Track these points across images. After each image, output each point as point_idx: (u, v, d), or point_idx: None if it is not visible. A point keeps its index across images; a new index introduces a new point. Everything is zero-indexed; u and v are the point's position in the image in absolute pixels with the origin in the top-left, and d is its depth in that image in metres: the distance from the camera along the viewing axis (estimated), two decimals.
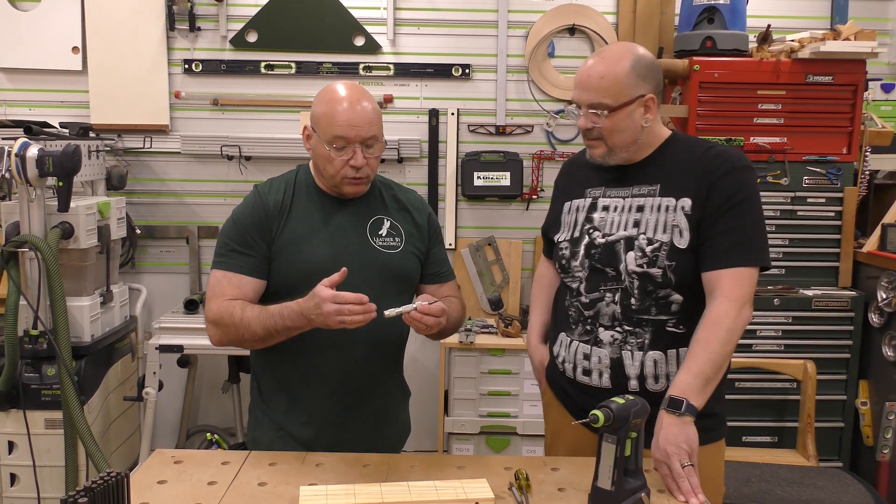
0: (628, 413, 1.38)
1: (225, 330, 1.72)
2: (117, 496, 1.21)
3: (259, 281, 1.76)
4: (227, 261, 1.76)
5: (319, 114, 1.74)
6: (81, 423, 2.58)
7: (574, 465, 1.62)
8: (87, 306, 2.83)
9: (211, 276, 1.78)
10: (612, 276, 1.71)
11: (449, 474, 1.56)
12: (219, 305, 1.72)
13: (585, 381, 1.75)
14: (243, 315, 1.69)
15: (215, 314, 1.72)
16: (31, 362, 2.73)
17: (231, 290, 1.74)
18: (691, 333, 1.66)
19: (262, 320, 1.67)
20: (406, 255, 1.84)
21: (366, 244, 1.80)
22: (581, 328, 1.77)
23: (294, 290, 1.71)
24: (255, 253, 1.76)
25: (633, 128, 1.70)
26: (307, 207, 1.81)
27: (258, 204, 1.80)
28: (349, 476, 1.54)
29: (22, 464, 2.74)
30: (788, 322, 3.06)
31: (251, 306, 1.71)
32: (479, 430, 3.18)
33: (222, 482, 1.50)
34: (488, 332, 3.26)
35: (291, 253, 1.76)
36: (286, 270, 1.76)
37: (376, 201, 1.87)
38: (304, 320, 1.62)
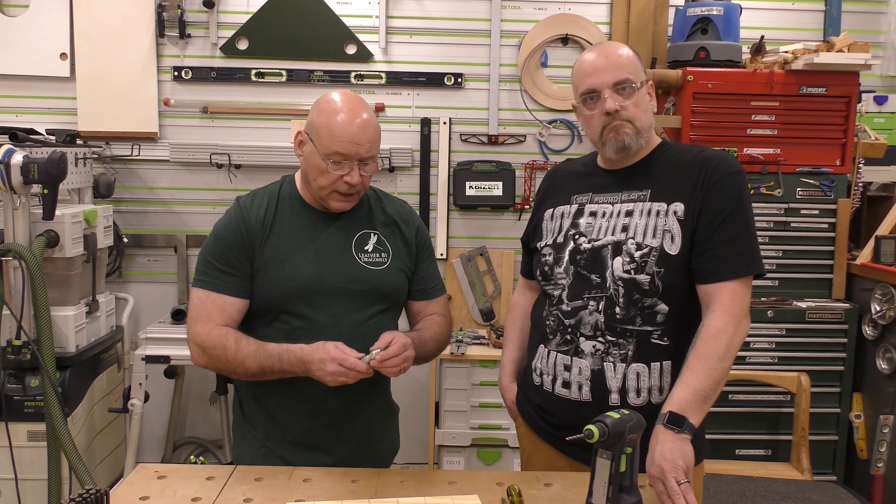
0: (624, 428, 1.35)
1: (214, 360, 1.68)
2: None
3: (243, 301, 1.72)
4: (210, 280, 1.71)
5: (320, 125, 1.68)
6: (65, 436, 2.53)
7: (568, 481, 1.59)
8: (72, 316, 2.78)
9: (193, 295, 1.74)
10: (596, 283, 1.67)
11: (440, 490, 1.52)
12: (208, 332, 1.67)
13: (564, 395, 1.70)
14: (238, 350, 1.65)
15: (204, 341, 1.68)
16: (14, 373, 2.68)
17: (216, 314, 1.69)
18: (675, 346, 1.64)
19: (258, 358, 1.64)
20: (392, 271, 1.79)
21: (351, 261, 1.75)
22: (560, 338, 1.72)
23: (276, 308, 1.71)
24: (237, 272, 1.71)
25: (651, 110, 1.72)
26: (291, 223, 1.76)
27: (240, 220, 1.74)
28: (337, 492, 1.50)
29: (4, 477, 2.68)
30: (782, 334, 3.04)
31: (246, 340, 1.67)
32: (470, 442, 3.14)
33: (207, 498, 1.46)
34: (480, 343, 3.22)
35: (274, 271, 1.71)
36: (269, 289, 1.71)
37: (363, 215, 1.82)
38: (302, 368, 1.61)
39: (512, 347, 1.99)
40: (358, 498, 1.45)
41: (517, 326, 2.01)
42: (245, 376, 1.68)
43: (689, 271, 1.64)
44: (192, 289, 1.74)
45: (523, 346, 1.95)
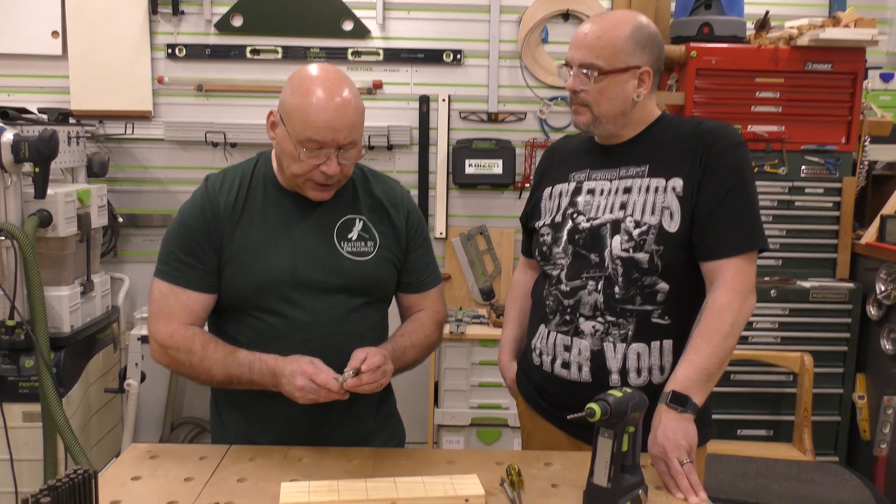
0: (626, 407, 1.32)
1: (175, 363, 1.57)
2: (84, 495, 1.14)
3: (208, 296, 1.59)
4: (173, 272, 1.57)
5: (291, 106, 1.50)
6: (60, 417, 2.50)
7: (569, 461, 1.56)
8: (67, 296, 2.74)
9: (154, 286, 1.59)
10: (595, 262, 1.63)
11: (438, 469, 1.49)
12: (171, 332, 1.55)
13: (563, 375, 1.67)
14: (204, 356, 1.53)
15: (166, 341, 1.56)
16: (9, 353, 2.65)
17: (180, 311, 1.56)
18: (677, 325, 1.60)
19: (226, 367, 1.52)
20: (379, 262, 1.64)
21: (332, 251, 1.60)
22: (559, 318, 1.69)
23: (248, 304, 1.58)
24: (202, 265, 1.57)
25: (623, 99, 1.62)
26: (263, 208, 1.60)
27: (206, 206, 1.58)
28: (333, 471, 1.47)
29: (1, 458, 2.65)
30: (785, 314, 3.01)
31: (215, 345, 1.54)
32: (469, 421, 3.12)
33: (199, 478, 1.43)
34: (480, 322, 3.19)
35: (244, 263, 1.56)
36: (238, 283, 1.57)
37: (347, 198, 1.65)
38: (272, 380, 1.48)
39: (512, 326, 1.96)
40: (355, 478, 1.42)
41: (517, 305, 1.98)
42: (210, 383, 1.58)
43: (690, 249, 1.60)
44: (154, 279, 1.59)
45: (523, 324, 1.92)
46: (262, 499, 1.35)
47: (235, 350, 1.54)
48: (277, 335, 1.57)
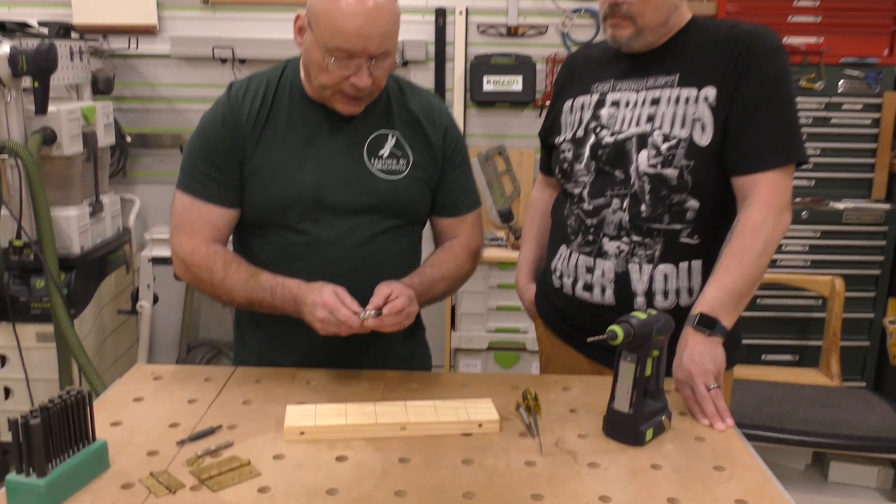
0: (650, 329, 1.23)
1: (197, 281, 1.50)
2: (77, 416, 1.08)
3: (231, 211, 1.50)
4: (194, 184, 1.48)
5: (319, 10, 1.37)
6: (71, 337, 2.48)
7: (588, 385, 1.49)
8: (75, 216, 2.69)
9: (176, 198, 1.51)
10: (620, 179, 1.53)
11: (452, 393, 1.43)
12: (193, 248, 1.48)
13: (586, 298, 1.59)
14: (225, 277, 1.46)
15: (188, 258, 1.48)
16: (19, 274, 2.62)
17: (202, 226, 1.48)
18: (706, 245, 1.50)
19: (247, 290, 1.45)
20: (411, 181, 1.53)
21: (361, 168, 1.49)
22: (582, 238, 1.59)
23: (270, 221, 1.50)
24: (224, 177, 1.48)
25: (668, 6, 1.49)
26: (289, 120, 1.49)
27: (228, 116, 1.48)
28: (342, 394, 1.42)
29: (15, 377, 2.66)
30: (817, 236, 2.89)
31: (237, 265, 1.47)
32: (487, 345, 3.07)
33: (203, 400, 1.37)
34: (498, 244, 3.11)
35: (266, 179, 1.47)
36: (259, 200, 1.49)
37: (379, 112, 1.53)
38: (294, 307, 1.41)
39: (530, 247, 1.87)
40: (364, 401, 1.36)
41: (535, 224, 1.88)
42: (231, 304, 1.52)
43: (722, 163, 1.48)
44: (176, 190, 1.51)
45: (542, 244, 1.83)
46: (267, 421, 1.29)
47: (258, 272, 1.46)
48: (300, 255, 1.50)
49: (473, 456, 1.20)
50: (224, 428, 1.27)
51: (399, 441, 1.24)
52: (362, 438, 1.24)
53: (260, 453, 1.19)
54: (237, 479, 1.11)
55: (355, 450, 1.21)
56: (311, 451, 1.20)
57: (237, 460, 1.16)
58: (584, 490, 1.11)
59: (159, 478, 1.10)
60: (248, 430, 1.27)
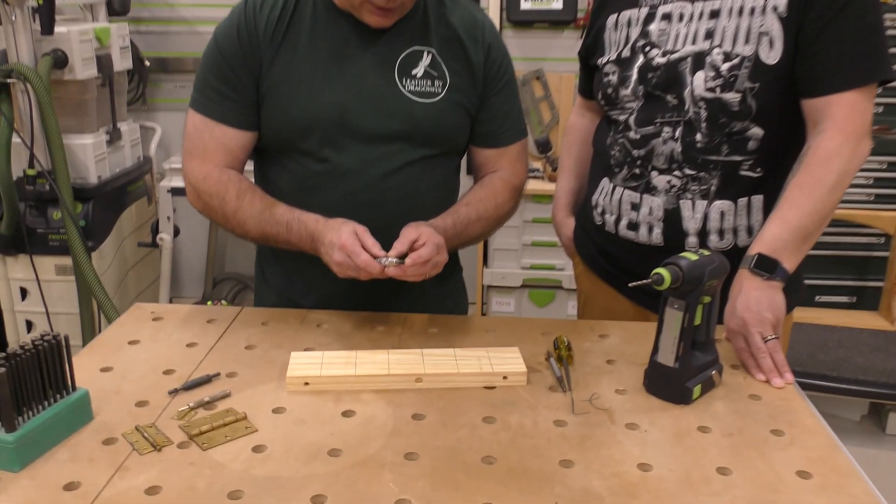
0: (702, 272, 1.07)
1: (209, 210, 1.37)
2: (54, 364, 0.97)
3: (247, 134, 1.36)
4: (207, 102, 1.34)
5: None
6: (87, 270, 2.40)
7: (628, 332, 1.34)
8: (91, 144, 2.57)
9: (188, 118, 1.37)
10: (672, 105, 1.34)
11: (476, 340, 1.29)
12: (206, 174, 1.34)
13: (630, 237, 1.43)
14: (238, 207, 1.33)
15: (200, 184, 1.35)
16: (35, 205, 2.53)
17: (215, 149, 1.34)
18: (769, 178, 1.32)
19: (261, 223, 1.32)
20: (447, 105, 1.36)
21: (391, 89, 1.33)
22: (627, 171, 1.42)
23: (288, 146, 1.36)
24: (239, 96, 1.33)
25: None
26: (312, 32, 1.32)
27: (243, 26, 1.32)
28: (355, 340, 1.29)
29: (35, 310, 2.60)
30: (882, 168, 2.65)
31: (251, 196, 1.33)
32: (521, 283, 2.93)
33: (203, 344, 1.26)
34: (534, 176, 2.93)
35: (285, 99, 1.32)
36: (276, 122, 1.34)
37: (415, 26, 1.35)
38: (311, 245, 1.28)
39: (568, 177, 1.70)
40: (378, 347, 1.23)
41: (574, 153, 1.71)
42: (244, 237, 1.38)
43: (792, 84, 1.28)
44: (188, 109, 1.38)
45: (581, 174, 1.66)
46: (270, 369, 1.17)
47: (274, 204, 1.32)
48: (321, 185, 1.36)
49: (496, 413, 1.07)
50: (222, 376, 1.15)
51: (413, 394, 1.11)
52: (373, 391, 1.12)
53: (259, 406, 1.07)
54: (230, 435, 1.00)
55: (364, 404, 1.08)
56: (315, 405, 1.08)
57: (233, 414, 1.04)
58: (621, 455, 0.97)
59: (145, 432, 0.99)
60: (249, 378, 1.15)
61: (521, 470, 0.94)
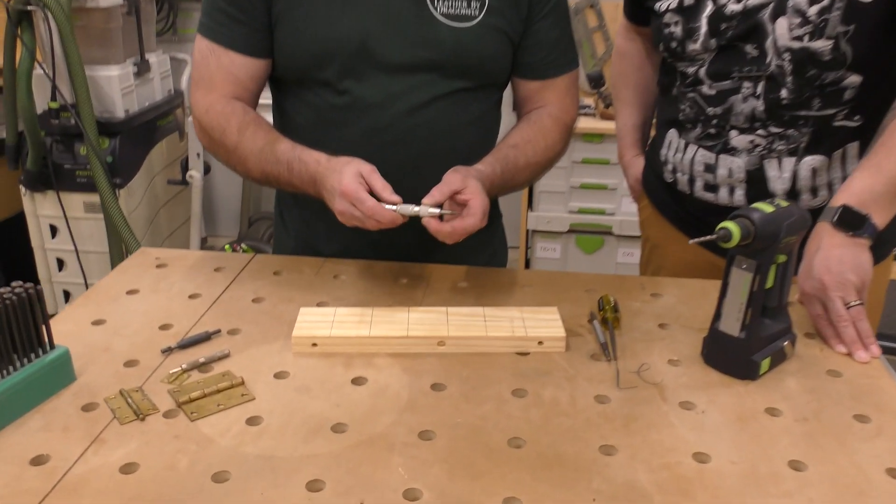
0: (778, 228, 0.90)
1: (212, 145, 1.23)
2: (26, 320, 0.86)
3: (257, 61, 1.20)
4: (215, 26, 1.19)
5: None
6: (112, 207, 2.31)
7: (685, 291, 1.17)
8: (117, 76, 2.46)
9: (196, 44, 1.23)
10: (752, 56, 1.15)
11: (509, 297, 1.15)
12: (209, 105, 1.20)
13: (708, 199, 1.27)
14: (239, 142, 1.17)
15: (202, 116, 1.21)
16: (62, 140, 2.44)
17: (222, 78, 1.19)
18: (868, 125, 1.14)
19: (262, 161, 1.16)
20: (485, 30, 1.18)
21: (420, 12, 1.16)
22: (701, 130, 1.24)
23: (304, 76, 1.20)
24: (248, 18, 1.17)
25: None
26: None
27: None
28: (374, 294, 1.15)
29: (65, 248, 2.54)
30: None
31: (254, 130, 1.17)
32: (567, 227, 2.76)
33: (207, 295, 1.14)
34: (585, 113, 2.72)
35: (300, 23, 1.16)
36: (290, 49, 1.19)
37: None
38: (314, 189, 1.11)
39: (629, 111, 1.52)
40: (399, 303, 1.10)
41: (631, 83, 1.52)
42: (248, 178, 1.24)
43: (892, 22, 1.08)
44: (196, 35, 1.24)
45: (644, 105, 1.49)
46: (277, 326, 1.05)
47: (277, 140, 1.15)
48: (340, 120, 1.20)
49: (528, 385, 0.92)
50: (223, 333, 1.03)
51: (434, 360, 0.98)
52: (388, 354, 0.98)
53: (259, 368, 0.95)
54: (224, 403, 0.88)
55: (378, 370, 0.95)
56: (323, 369, 0.95)
57: (229, 378, 0.92)
58: (673, 442, 0.82)
59: (129, 397, 0.88)
60: (252, 336, 1.03)
61: (554, 456, 0.80)
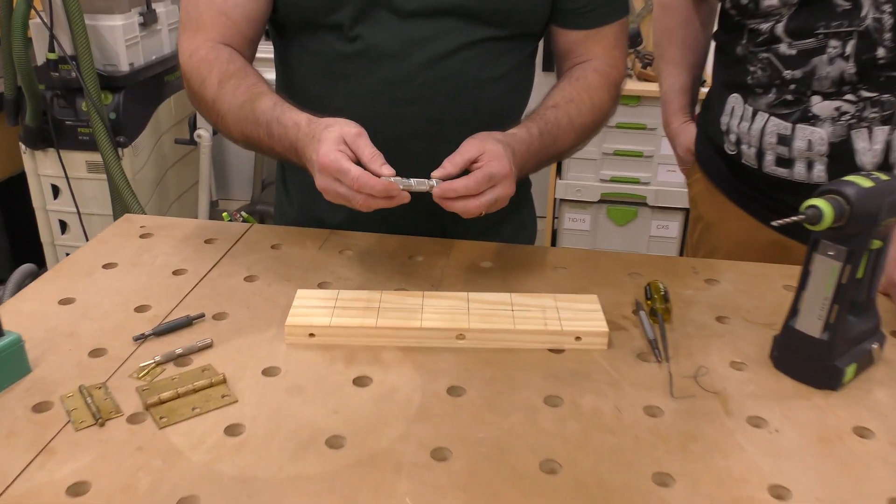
0: (878, 206, 0.73)
1: (193, 97, 1.05)
2: None
3: (253, 1, 1.03)
4: None
5: None
6: (114, 166, 2.18)
7: (744, 277, 1.01)
8: (121, 27, 2.30)
9: None
10: (843, 10, 0.98)
11: (539, 280, 0.99)
12: (193, 50, 1.02)
13: (781, 175, 1.10)
14: (218, 96, 0.98)
15: (185, 62, 1.03)
16: (63, 94, 2.30)
17: (211, 19, 1.03)
18: None
19: (240, 120, 0.97)
20: None
21: None
22: (776, 96, 1.07)
23: (309, 21, 1.04)
24: None
25: None
26: None
27: None
28: (384, 274, 1.00)
29: (67, 210, 2.42)
30: None
31: (237, 81, 0.98)
32: (598, 197, 2.58)
33: (194, 272, 0.99)
34: None
35: None
36: None
37: None
38: (297, 159, 0.92)
39: (676, 72, 1.34)
40: (413, 285, 0.95)
41: (677, 40, 1.34)
42: (231, 139, 1.05)
43: None
44: None
45: (693, 65, 1.31)
46: (270, 310, 0.90)
47: (259, 96, 0.95)
48: (349, 71, 1.04)
49: (563, 391, 0.77)
50: (207, 318, 0.89)
51: (452, 357, 0.82)
52: (398, 348, 0.83)
53: (245, 363, 0.81)
54: (200, 407, 0.74)
55: (384, 367, 0.80)
56: (320, 366, 0.80)
57: (209, 374, 0.78)
58: (744, 470, 0.67)
59: (89, 396, 0.74)
60: (241, 322, 0.88)
61: (597, 485, 0.65)
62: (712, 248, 1.31)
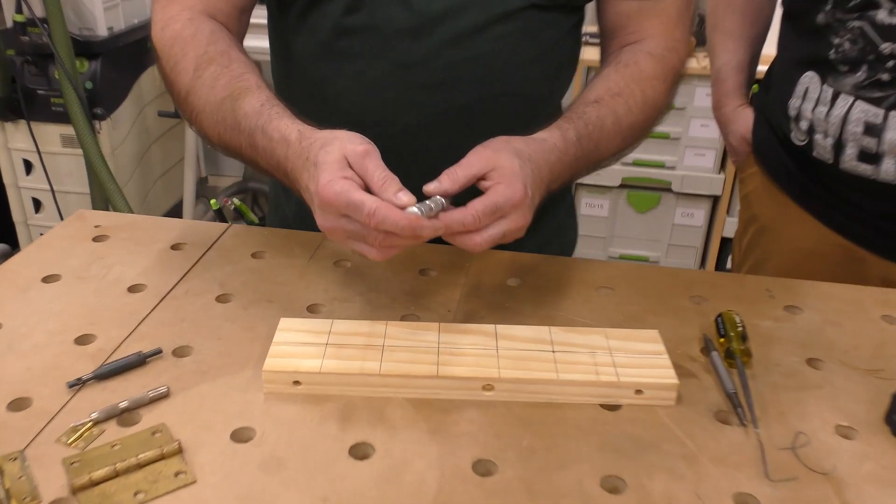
0: None
1: (166, 84, 0.83)
2: None
3: None
4: None
5: None
6: (88, 140, 1.98)
7: (832, 303, 0.82)
8: None
9: None
10: None
11: (583, 306, 0.80)
12: (167, 22, 0.82)
13: (864, 173, 0.91)
14: (193, 85, 0.77)
15: (156, 35, 0.83)
16: (34, 60, 2.09)
17: None
18: None
19: (217, 122, 0.76)
20: None
21: None
22: (866, 75, 0.88)
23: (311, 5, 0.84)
24: None
25: None
26: None
27: None
28: (390, 295, 0.81)
29: (40, 187, 2.22)
30: None
31: (216, 68, 0.76)
32: (619, 182, 2.38)
33: (154, 288, 0.80)
34: None
35: None
36: None
37: None
38: (287, 182, 0.71)
39: (733, 46, 1.15)
40: (426, 308, 0.76)
41: (737, 8, 1.15)
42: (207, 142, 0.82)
43: None
44: None
45: (755, 37, 1.12)
46: (247, 342, 0.71)
47: (244, 92, 0.74)
48: (353, 50, 0.84)
49: (625, 469, 0.59)
50: (166, 354, 0.70)
51: (479, 414, 0.64)
52: (409, 400, 0.65)
53: (211, 422, 0.62)
54: (146, 492, 0.55)
55: (391, 430, 0.62)
56: (308, 428, 0.62)
57: (161, 441, 0.59)
58: None
59: (1, 472, 0.56)
60: (207, 361, 0.69)
61: None
62: (765, 255, 1.13)
